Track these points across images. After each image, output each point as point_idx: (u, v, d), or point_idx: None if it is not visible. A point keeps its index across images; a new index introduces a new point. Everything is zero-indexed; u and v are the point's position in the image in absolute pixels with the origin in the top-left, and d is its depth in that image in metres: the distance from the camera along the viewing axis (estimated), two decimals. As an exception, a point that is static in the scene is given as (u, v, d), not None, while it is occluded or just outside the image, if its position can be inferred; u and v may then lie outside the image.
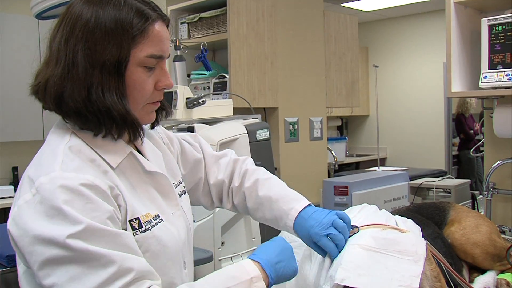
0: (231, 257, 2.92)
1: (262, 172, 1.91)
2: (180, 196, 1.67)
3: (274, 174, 1.96)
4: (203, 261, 2.51)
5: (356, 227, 1.66)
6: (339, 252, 1.57)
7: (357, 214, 1.80)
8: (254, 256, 1.48)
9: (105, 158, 1.41)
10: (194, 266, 2.59)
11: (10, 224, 1.30)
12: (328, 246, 1.58)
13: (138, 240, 1.38)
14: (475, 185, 7.14)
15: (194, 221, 2.82)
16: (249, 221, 2.99)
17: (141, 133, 1.47)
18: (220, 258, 2.88)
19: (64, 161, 1.32)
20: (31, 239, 1.24)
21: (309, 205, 1.73)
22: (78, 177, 1.29)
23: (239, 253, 2.92)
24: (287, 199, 1.76)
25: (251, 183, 1.85)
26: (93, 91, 1.35)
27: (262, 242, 3.00)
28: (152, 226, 1.44)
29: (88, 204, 1.27)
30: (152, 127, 1.67)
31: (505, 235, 2.81)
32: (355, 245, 1.57)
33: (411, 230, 1.72)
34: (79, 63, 1.36)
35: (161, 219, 1.48)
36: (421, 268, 1.52)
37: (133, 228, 1.39)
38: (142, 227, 1.41)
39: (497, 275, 2.16)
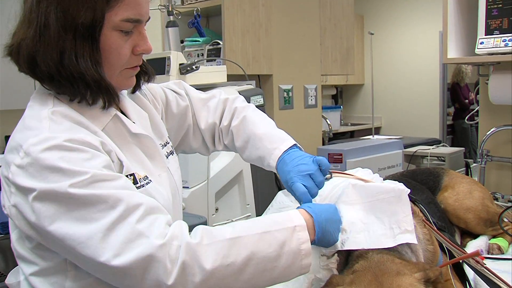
0: (225, 223, 2.92)
1: (251, 109, 1.86)
2: (167, 157, 1.66)
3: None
4: (197, 227, 2.51)
5: (330, 173, 1.66)
6: (311, 199, 1.56)
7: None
8: (309, 208, 1.44)
9: (90, 121, 1.39)
10: (189, 231, 2.62)
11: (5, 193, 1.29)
12: (298, 190, 1.55)
13: None
14: (469, 155, 7.17)
15: (188, 187, 2.82)
16: (243, 188, 2.99)
17: (116, 100, 1.44)
18: (214, 224, 2.89)
19: (51, 124, 1.30)
20: (33, 199, 1.22)
21: (294, 145, 1.69)
22: (69, 136, 1.26)
23: (233, 220, 2.92)
24: (272, 138, 1.72)
25: (239, 121, 1.82)
26: (66, 56, 1.32)
27: (256, 208, 3.01)
28: (144, 185, 1.43)
29: (82, 154, 1.25)
30: (133, 91, 1.64)
31: (498, 202, 2.82)
32: (340, 204, 1.57)
33: None
34: (51, 26, 1.31)
35: (150, 180, 1.47)
36: (408, 205, 1.54)
37: None
38: (137, 183, 1.40)
39: (489, 240, 2.18)
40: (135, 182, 1.39)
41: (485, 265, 1.55)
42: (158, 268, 1.20)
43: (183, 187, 2.79)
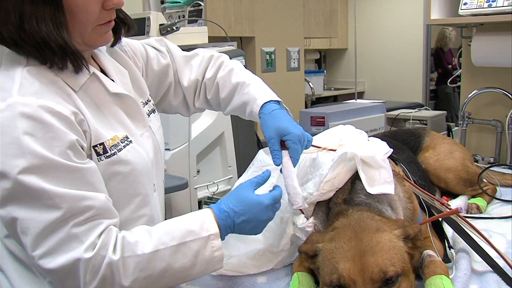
0: (207, 185, 2.92)
1: (238, 63, 1.84)
2: (149, 116, 1.63)
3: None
4: (178, 188, 2.51)
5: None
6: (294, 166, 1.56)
7: (333, 135, 1.78)
8: (219, 210, 1.42)
9: (67, 80, 1.34)
10: (170, 192, 2.61)
11: None
12: (298, 151, 1.56)
13: (103, 166, 1.34)
14: (451, 120, 7.20)
15: (169, 149, 2.81)
16: (225, 150, 2.98)
17: (85, 64, 1.36)
18: (196, 187, 2.88)
19: (22, 85, 1.25)
20: None
21: (279, 102, 1.67)
22: (38, 103, 1.22)
23: (215, 182, 2.92)
24: (259, 88, 1.71)
25: (226, 72, 1.79)
26: (26, 20, 1.25)
27: (238, 171, 3.01)
28: (119, 150, 1.39)
29: (48, 133, 1.21)
30: (113, 45, 1.58)
31: (478, 164, 2.84)
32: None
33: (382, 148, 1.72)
34: None
35: (130, 141, 1.44)
36: (386, 161, 1.57)
37: (98, 154, 1.34)
38: (107, 152, 1.36)
39: (469, 199, 2.19)
40: (104, 151, 1.35)
41: (465, 218, 1.55)
42: (78, 278, 1.23)
43: (165, 149, 2.78)
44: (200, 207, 2.95)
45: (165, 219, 1.47)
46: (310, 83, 5.09)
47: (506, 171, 2.59)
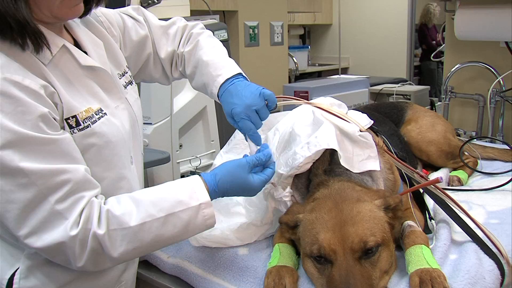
0: (190, 159, 2.89)
1: (205, 35, 1.79)
2: (126, 88, 1.59)
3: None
4: (160, 162, 2.48)
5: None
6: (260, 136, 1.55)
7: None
8: (209, 178, 1.41)
9: (35, 54, 1.29)
10: (151, 166, 2.58)
11: None
12: (246, 128, 1.53)
13: (76, 138, 1.31)
14: (435, 95, 7.22)
15: (151, 123, 2.77)
16: (207, 124, 2.95)
17: (46, 44, 1.30)
18: (178, 161, 2.86)
19: None
20: None
21: (238, 74, 1.63)
22: (5, 77, 1.18)
23: (198, 156, 2.89)
24: (218, 65, 1.66)
25: (192, 46, 1.76)
26: None
27: (221, 146, 2.98)
28: (93, 122, 1.36)
29: (18, 107, 1.18)
30: (81, 17, 1.51)
31: (460, 138, 2.85)
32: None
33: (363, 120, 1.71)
34: None
35: (105, 113, 1.40)
36: (370, 136, 1.58)
37: (70, 127, 1.31)
38: (80, 124, 1.33)
39: (450, 172, 2.20)
40: (77, 124, 1.32)
41: (444, 192, 1.56)
42: (68, 254, 1.23)
43: (146, 123, 2.75)
44: (182, 182, 2.93)
45: None
46: (294, 58, 5.06)
47: (487, 144, 2.60)
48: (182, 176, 2.97)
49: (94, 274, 1.43)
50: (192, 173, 2.86)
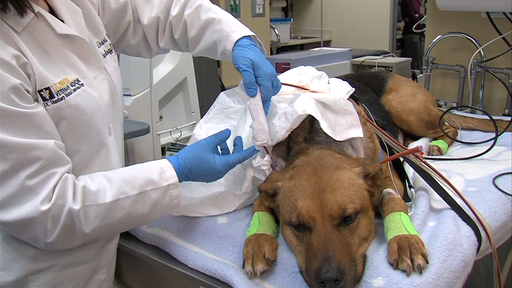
0: (170, 131, 2.88)
1: (205, 0, 1.74)
2: (105, 56, 1.55)
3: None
4: (140, 133, 2.46)
5: None
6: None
7: (293, 75, 1.75)
8: (178, 164, 1.43)
9: (8, 21, 1.25)
10: (131, 138, 2.56)
11: None
12: (269, 89, 1.52)
13: (50, 111, 1.28)
14: (417, 68, 7.23)
15: (130, 95, 2.75)
16: (188, 95, 2.93)
17: (28, 5, 1.27)
18: (158, 133, 2.84)
19: None
20: None
21: (254, 37, 1.62)
22: None
23: (178, 128, 2.88)
24: (232, 23, 1.63)
25: (193, 9, 1.70)
26: None
27: (201, 116, 2.96)
28: (68, 94, 1.33)
29: None
30: None
31: (441, 109, 2.85)
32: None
33: (344, 88, 1.70)
34: None
35: (81, 84, 1.37)
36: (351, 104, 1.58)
37: (44, 99, 1.28)
38: (54, 97, 1.29)
39: (430, 142, 2.21)
40: (51, 96, 1.29)
41: (423, 160, 1.56)
42: (37, 230, 1.23)
43: (125, 94, 2.72)
44: (163, 154, 2.92)
45: (128, 166, 1.45)
46: (275, 30, 5.02)
47: (468, 114, 2.61)
48: (163, 148, 2.97)
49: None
50: (173, 144, 2.85)
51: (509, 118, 2.19)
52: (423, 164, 1.53)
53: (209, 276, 1.42)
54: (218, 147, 1.53)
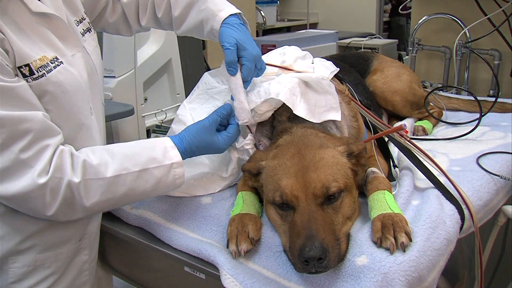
0: (155, 113, 2.86)
1: None
2: (83, 35, 1.53)
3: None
4: (124, 115, 2.44)
5: None
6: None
7: (277, 55, 1.74)
8: (181, 144, 1.43)
9: None
10: (115, 119, 2.54)
11: None
12: (251, 70, 1.51)
13: (32, 87, 1.27)
14: (404, 50, 7.23)
15: (114, 77, 2.72)
16: (173, 77, 2.91)
17: None
18: (143, 115, 2.82)
19: None
20: None
21: (240, 14, 1.60)
22: None
23: (163, 109, 2.86)
24: (217, 1, 1.61)
25: None
26: None
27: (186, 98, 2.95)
28: (49, 71, 1.30)
29: None
30: None
31: (427, 89, 2.86)
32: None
33: (328, 68, 1.69)
34: None
35: (60, 62, 1.35)
36: (332, 86, 1.56)
37: (24, 76, 1.26)
38: (34, 73, 1.27)
39: (415, 122, 2.21)
40: (31, 73, 1.27)
41: (408, 138, 1.56)
42: (36, 203, 1.23)
43: (109, 76, 2.69)
44: (148, 136, 2.90)
45: None
46: (261, 12, 4.99)
47: (453, 95, 2.62)
48: (148, 130, 2.95)
49: (59, 226, 1.41)
50: (158, 126, 2.83)
51: (493, 99, 2.19)
52: (407, 142, 1.53)
53: (193, 256, 1.42)
54: None
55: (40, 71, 1.29)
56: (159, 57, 2.82)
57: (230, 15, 1.57)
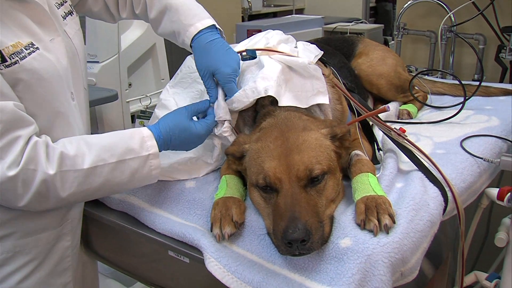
0: (140, 98, 2.84)
1: None
2: (65, 18, 1.50)
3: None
4: (107, 100, 2.42)
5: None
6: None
7: (261, 39, 1.73)
8: (158, 132, 1.42)
9: None
10: (99, 104, 2.52)
11: None
12: (232, 89, 1.51)
13: (4, 75, 1.24)
14: (390, 35, 7.23)
15: (98, 62, 2.69)
16: (157, 62, 2.88)
17: None
18: (128, 100, 2.80)
19: None
20: None
21: (212, 26, 1.58)
22: None
23: (148, 95, 2.84)
24: (189, 13, 1.59)
25: None
26: None
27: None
28: (22, 58, 1.27)
29: None
30: None
31: (412, 74, 2.86)
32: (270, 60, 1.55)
33: (312, 52, 1.67)
34: None
35: (36, 48, 1.32)
36: (319, 70, 1.56)
37: None
38: (7, 61, 1.24)
39: (400, 106, 2.21)
40: (3, 60, 1.24)
41: (381, 121, 1.55)
42: (8, 195, 1.22)
43: (93, 61, 2.66)
44: (133, 121, 2.88)
45: (97, 133, 1.43)
46: (246, -4, 4.95)
47: (438, 79, 2.62)
48: (132, 116, 2.93)
49: (36, 213, 1.40)
50: (143, 112, 2.81)
51: (478, 83, 2.20)
52: (384, 127, 1.52)
53: (177, 241, 1.42)
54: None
55: (13, 58, 1.26)
56: (143, 42, 2.80)
57: (202, 30, 1.56)
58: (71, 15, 1.56)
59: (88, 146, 1.31)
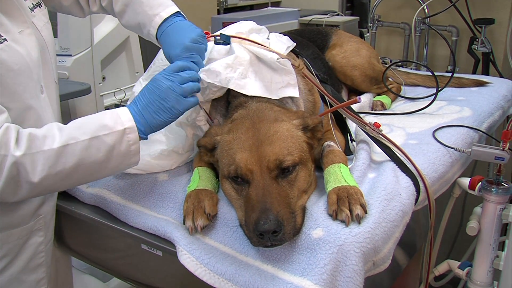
0: (114, 92, 2.81)
1: None
2: (33, 10, 1.47)
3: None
4: (80, 93, 2.39)
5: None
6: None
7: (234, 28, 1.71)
8: (133, 103, 1.35)
9: None
10: (71, 98, 2.49)
11: None
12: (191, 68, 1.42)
13: None
14: (366, 28, 7.26)
15: (70, 55, 2.66)
16: (131, 55, 2.86)
17: None
18: (102, 94, 2.77)
19: None
20: None
21: (177, 13, 1.57)
22: None
23: (122, 88, 2.81)
24: (153, 3, 1.57)
25: None
26: None
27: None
28: None
29: None
30: None
31: (386, 65, 2.87)
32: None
33: (284, 43, 1.66)
34: None
35: (4, 39, 1.29)
36: (289, 63, 1.54)
37: None
38: None
39: (374, 97, 2.22)
40: None
41: (351, 113, 1.55)
42: None
43: (65, 54, 2.63)
44: (107, 116, 2.85)
45: None
46: (223, -11, 4.93)
47: (411, 71, 2.64)
48: (106, 109, 2.90)
49: (6, 208, 1.37)
50: (117, 106, 2.79)
51: (450, 74, 2.22)
52: (355, 119, 1.53)
53: (150, 234, 1.41)
54: None
55: None
56: (117, 35, 2.77)
57: (166, 18, 1.54)
58: (40, 7, 1.53)
59: (59, 128, 1.26)
